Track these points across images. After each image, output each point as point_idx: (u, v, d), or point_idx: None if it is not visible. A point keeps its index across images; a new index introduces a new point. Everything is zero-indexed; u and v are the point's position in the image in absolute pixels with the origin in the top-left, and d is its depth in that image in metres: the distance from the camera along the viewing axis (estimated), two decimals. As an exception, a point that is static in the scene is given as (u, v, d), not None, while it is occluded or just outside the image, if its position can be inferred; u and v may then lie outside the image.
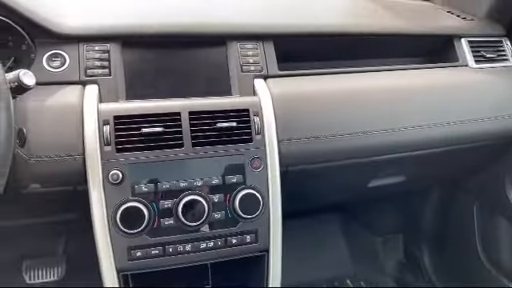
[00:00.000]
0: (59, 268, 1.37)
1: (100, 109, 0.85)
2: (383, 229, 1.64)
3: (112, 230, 0.83)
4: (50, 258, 1.37)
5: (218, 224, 0.88)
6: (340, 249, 1.60)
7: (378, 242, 1.63)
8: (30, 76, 0.70)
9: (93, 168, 0.82)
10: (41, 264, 1.36)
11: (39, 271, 1.35)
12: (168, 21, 0.98)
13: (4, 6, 0.86)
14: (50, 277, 1.36)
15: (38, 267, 1.35)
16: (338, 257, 1.59)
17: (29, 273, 1.34)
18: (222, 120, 0.89)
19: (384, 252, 1.62)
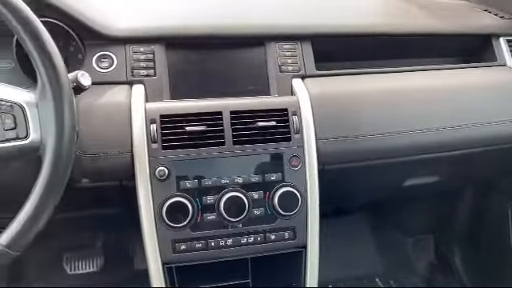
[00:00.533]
0: (97, 260, 1.43)
1: (147, 108, 0.89)
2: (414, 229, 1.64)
3: (158, 223, 0.86)
4: (89, 251, 1.43)
5: (258, 220, 0.90)
6: (370, 248, 1.61)
7: (408, 242, 1.62)
8: (86, 77, 0.74)
9: (140, 164, 0.86)
10: (80, 256, 1.42)
11: (79, 263, 1.42)
12: (209, 23, 1.01)
13: (57, 9, 0.90)
14: (88, 268, 1.42)
15: (77, 259, 1.42)
16: (367, 255, 1.59)
17: (69, 264, 1.41)
18: (262, 119, 0.92)
19: (415, 252, 1.62)
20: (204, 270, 0.90)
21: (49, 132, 0.62)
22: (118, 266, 1.45)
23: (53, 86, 0.62)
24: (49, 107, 0.62)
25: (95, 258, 1.42)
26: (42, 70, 0.62)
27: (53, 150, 0.62)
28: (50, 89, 0.62)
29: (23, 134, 0.62)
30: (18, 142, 0.62)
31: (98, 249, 1.44)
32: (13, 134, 0.62)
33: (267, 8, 1.13)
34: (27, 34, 0.61)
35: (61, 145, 0.62)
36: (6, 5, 0.60)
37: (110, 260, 1.44)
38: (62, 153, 0.62)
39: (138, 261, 1.47)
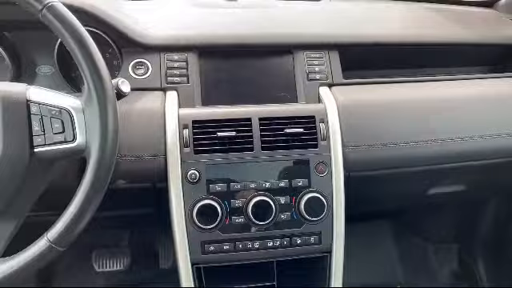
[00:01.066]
0: (124, 259, 1.48)
1: (180, 114, 0.92)
2: (437, 237, 1.63)
3: (188, 225, 0.90)
4: (117, 250, 1.48)
5: (284, 224, 0.93)
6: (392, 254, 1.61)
7: (430, 250, 1.62)
8: (126, 84, 0.78)
9: (173, 167, 0.90)
10: (108, 254, 1.47)
11: (107, 261, 1.47)
12: (240, 32, 1.04)
13: (96, 18, 0.95)
14: (116, 266, 1.47)
15: (105, 257, 1.47)
16: (389, 262, 1.60)
17: (98, 262, 1.46)
18: (290, 126, 0.94)
19: (437, 260, 1.61)
20: (231, 271, 0.93)
21: (94, 136, 0.66)
22: (144, 266, 1.50)
23: (98, 92, 0.66)
24: (94, 112, 0.66)
25: (122, 256, 1.47)
26: (88, 77, 0.66)
27: (97, 152, 0.66)
28: (95, 95, 0.66)
29: (70, 137, 0.67)
30: (65, 145, 0.67)
31: (125, 248, 1.49)
32: (61, 137, 0.66)
33: (295, 18, 1.16)
34: (76, 44, 0.65)
35: (105, 148, 0.66)
36: (57, 17, 0.65)
37: (136, 259, 1.49)
38: (105, 155, 0.66)
39: (163, 261, 1.51)
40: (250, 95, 1.01)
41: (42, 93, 0.69)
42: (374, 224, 1.58)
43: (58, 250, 0.66)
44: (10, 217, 0.68)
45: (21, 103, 0.66)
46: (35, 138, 0.66)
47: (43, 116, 0.66)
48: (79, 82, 1.06)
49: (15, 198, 0.67)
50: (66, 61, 1.04)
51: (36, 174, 0.69)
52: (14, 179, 0.66)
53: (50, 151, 0.67)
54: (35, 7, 0.64)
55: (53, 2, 0.65)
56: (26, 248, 0.66)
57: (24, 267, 0.65)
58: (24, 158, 0.66)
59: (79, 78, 1.06)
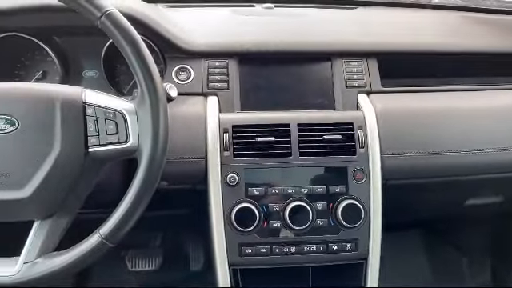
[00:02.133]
0: (157, 259, 1.51)
1: (220, 118, 0.95)
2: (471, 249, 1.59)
3: (227, 226, 0.92)
4: (149, 250, 1.51)
5: (321, 230, 0.93)
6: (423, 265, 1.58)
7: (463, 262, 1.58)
8: (174, 89, 0.81)
9: (213, 170, 0.92)
10: (141, 254, 1.51)
11: (140, 260, 1.50)
12: (279, 39, 1.06)
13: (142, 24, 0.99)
14: (148, 266, 1.50)
15: (139, 257, 1.50)
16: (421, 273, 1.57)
17: (131, 261, 1.50)
18: (328, 132, 0.95)
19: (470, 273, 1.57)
20: (267, 274, 0.94)
21: (145, 137, 0.69)
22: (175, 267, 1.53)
23: (151, 96, 0.69)
24: (146, 115, 0.69)
25: (155, 257, 1.50)
26: (142, 81, 0.69)
27: (149, 153, 0.69)
28: (148, 98, 0.69)
29: (123, 138, 0.70)
30: (119, 145, 0.70)
31: (157, 249, 1.52)
32: (114, 138, 0.70)
33: (333, 25, 1.17)
34: (131, 50, 0.68)
35: (156, 149, 0.69)
36: (114, 24, 0.68)
37: (168, 260, 1.52)
38: (156, 156, 0.69)
39: (194, 263, 1.53)
40: (288, 101, 1.03)
41: (96, 96, 0.72)
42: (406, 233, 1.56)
43: (109, 245, 0.69)
44: (63, 213, 0.71)
45: (77, 105, 0.70)
46: (90, 139, 0.69)
47: (98, 118, 0.70)
48: (122, 86, 1.10)
49: (69, 194, 0.71)
50: (111, 66, 1.09)
51: (88, 173, 0.72)
52: (68, 177, 0.69)
53: (104, 151, 0.70)
54: (94, 15, 0.68)
55: (111, 10, 0.68)
56: (79, 243, 0.69)
57: (76, 261, 0.68)
58: (79, 157, 0.69)
59: (122, 83, 1.11)
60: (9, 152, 0.67)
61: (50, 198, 0.69)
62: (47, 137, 0.67)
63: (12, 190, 0.67)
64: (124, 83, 1.11)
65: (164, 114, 0.70)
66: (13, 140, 0.67)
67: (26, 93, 0.69)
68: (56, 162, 0.67)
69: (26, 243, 0.69)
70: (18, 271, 0.67)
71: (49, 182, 0.67)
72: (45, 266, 0.67)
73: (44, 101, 0.68)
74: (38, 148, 0.67)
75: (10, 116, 0.67)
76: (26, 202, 0.67)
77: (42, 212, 0.69)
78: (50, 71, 1.09)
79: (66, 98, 0.70)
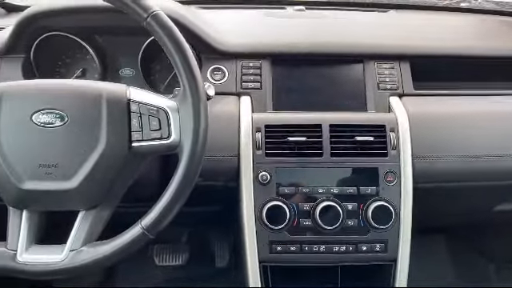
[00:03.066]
0: (183, 255, 1.54)
1: (253, 118, 0.97)
2: (498, 256, 1.57)
3: (258, 224, 0.94)
4: (176, 245, 1.55)
5: (351, 230, 0.94)
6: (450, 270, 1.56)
7: (490, 269, 1.55)
8: (212, 88, 0.83)
9: (245, 168, 0.94)
10: (168, 249, 1.54)
11: (167, 255, 1.54)
12: (312, 41, 1.08)
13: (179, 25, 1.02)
14: (175, 261, 1.53)
15: (166, 252, 1.54)
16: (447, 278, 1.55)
17: (158, 256, 1.53)
18: (360, 134, 0.96)
19: (498, 280, 1.55)
20: (297, 272, 0.96)
21: (187, 133, 0.72)
22: (201, 263, 1.55)
23: (193, 93, 0.71)
24: (188, 112, 0.72)
25: (181, 252, 1.54)
26: (184, 79, 0.72)
27: (189, 149, 0.71)
28: (190, 96, 0.71)
29: (166, 134, 0.72)
30: (161, 141, 0.72)
31: (184, 244, 1.55)
32: (157, 134, 0.72)
33: (366, 28, 1.18)
34: (175, 50, 0.71)
35: (196, 145, 0.71)
36: (159, 24, 0.71)
37: (194, 256, 1.55)
38: (196, 152, 0.71)
39: (219, 259, 1.56)
40: (320, 102, 1.04)
41: (140, 93, 0.75)
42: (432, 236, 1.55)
43: (149, 237, 0.71)
44: (106, 205, 0.75)
45: (123, 102, 0.73)
46: (133, 134, 0.72)
47: (142, 114, 0.73)
48: (157, 85, 1.14)
49: (112, 187, 0.74)
50: (147, 65, 1.13)
51: (130, 167, 0.75)
52: (112, 170, 0.72)
53: (146, 146, 0.73)
54: (141, 15, 0.71)
55: (157, 11, 0.71)
56: (121, 234, 0.72)
57: (118, 251, 0.71)
58: (123, 151, 0.72)
59: (157, 81, 1.14)
60: (58, 145, 0.70)
61: (95, 189, 0.72)
62: (94, 131, 0.71)
63: (60, 181, 0.70)
64: (159, 81, 1.14)
65: (204, 111, 0.72)
66: (62, 134, 0.70)
67: (75, 89, 0.73)
68: (102, 156, 0.71)
69: (71, 232, 0.72)
70: (64, 258, 0.70)
71: (94, 174, 0.71)
72: (89, 254, 0.70)
73: (92, 97, 0.72)
74: (85, 141, 0.70)
75: (59, 111, 0.70)
76: (73, 193, 0.71)
77: (87, 203, 0.73)
78: (89, 69, 1.13)
79: (112, 94, 0.73)
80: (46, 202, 0.72)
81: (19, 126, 0.70)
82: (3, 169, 0.70)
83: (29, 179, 0.70)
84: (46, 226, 0.76)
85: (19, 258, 0.70)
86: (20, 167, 0.70)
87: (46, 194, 0.71)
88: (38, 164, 0.70)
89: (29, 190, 0.70)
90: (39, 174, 0.70)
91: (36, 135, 0.70)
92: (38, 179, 0.70)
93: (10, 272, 0.69)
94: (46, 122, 0.70)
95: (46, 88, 0.73)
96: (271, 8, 1.39)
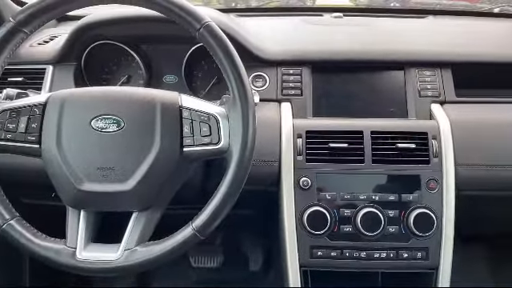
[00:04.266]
0: (218, 257, 1.57)
1: (294, 124, 0.99)
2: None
3: (298, 229, 0.95)
4: (212, 247, 1.58)
5: (392, 237, 0.94)
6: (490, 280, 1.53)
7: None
8: (257, 95, 0.86)
9: (286, 173, 0.96)
10: (204, 251, 1.57)
11: (202, 257, 1.57)
12: (352, 48, 1.09)
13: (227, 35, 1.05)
14: (210, 263, 1.56)
15: (201, 254, 1.57)
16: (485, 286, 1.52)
17: (194, 257, 1.56)
18: (402, 141, 0.96)
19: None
20: (337, 277, 0.96)
21: (236, 139, 0.74)
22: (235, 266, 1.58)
23: (242, 100, 0.74)
24: (237, 118, 0.74)
25: (216, 255, 1.56)
26: (234, 87, 0.74)
27: (238, 153, 0.73)
28: (239, 103, 0.74)
29: (216, 140, 0.75)
30: (211, 146, 0.75)
31: (219, 247, 1.58)
32: (208, 139, 0.75)
33: (405, 34, 1.18)
34: (226, 58, 0.74)
35: (245, 150, 0.73)
36: (211, 34, 0.74)
37: (228, 259, 1.57)
38: (245, 156, 0.74)
39: (253, 263, 1.58)
40: (360, 109, 1.05)
41: (191, 100, 0.78)
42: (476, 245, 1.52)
43: (200, 238, 0.74)
44: (157, 206, 0.78)
45: (175, 108, 0.76)
46: (185, 139, 0.75)
47: (193, 120, 0.76)
48: (198, 91, 1.17)
49: (163, 190, 0.77)
50: (190, 72, 1.16)
51: (180, 171, 0.78)
52: (165, 173, 0.75)
53: (197, 151, 0.76)
54: (194, 26, 0.74)
55: (209, 21, 0.74)
56: (173, 234, 0.75)
57: (170, 251, 0.74)
58: (175, 155, 0.75)
59: (199, 88, 1.18)
60: (115, 149, 0.74)
61: (148, 191, 0.75)
62: (148, 136, 0.74)
63: (116, 183, 0.74)
64: (200, 88, 1.18)
65: (253, 118, 0.74)
66: (119, 138, 0.74)
67: (132, 96, 0.77)
68: (155, 160, 0.74)
69: (125, 232, 0.75)
70: (119, 257, 0.73)
71: (148, 177, 0.74)
72: (143, 253, 0.73)
73: (147, 103, 0.75)
74: (140, 146, 0.74)
75: (117, 116, 0.74)
76: (128, 195, 0.74)
77: (140, 204, 0.76)
78: (133, 75, 1.18)
79: (166, 101, 0.76)
80: (103, 203, 0.76)
81: (79, 131, 0.74)
82: (64, 171, 0.74)
83: (87, 181, 0.74)
84: (100, 226, 0.80)
85: (78, 255, 0.73)
86: (79, 169, 0.74)
87: (103, 195, 0.74)
88: (96, 167, 0.74)
89: (87, 191, 0.74)
90: (97, 176, 0.74)
91: (94, 139, 0.74)
92: (96, 181, 0.74)
93: (70, 269, 0.73)
94: (103, 127, 0.74)
95: (104, 95, 0.77)
96: (307, 15, 1.41)
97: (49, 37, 1.19)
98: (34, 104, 0.76)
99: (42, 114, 0.76)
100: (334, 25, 1.26)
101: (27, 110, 0.76)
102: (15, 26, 0.75)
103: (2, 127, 0.75)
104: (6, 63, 0.78)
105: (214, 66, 1.17)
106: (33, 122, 0.76)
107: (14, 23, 0.74)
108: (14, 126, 0.75)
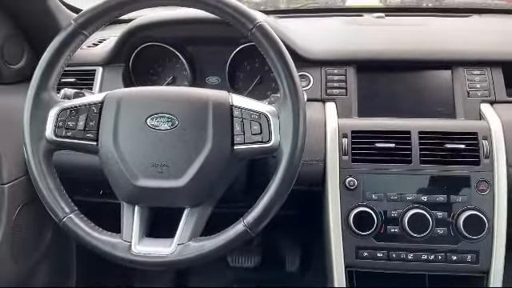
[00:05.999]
0: (255, 257, 1.58)
1: (339, 124, 0.99)
2: None
3: (344, 229, 0.95)
4: (249, 247, 1.59)
5: (440, 239, 0.92)
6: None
7: None
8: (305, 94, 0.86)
9: (332, 173, 0.96)
10: (242, 251, 1.58)
11: (240, 257, 1.58)
12: (398, 48, 1.08)
13: None
14: (247, 263, 1.57)
15: (239, 253, 1.58)
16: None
17: (232, 257, 1.58)
18: (450, 141, 0.94)
19: None
20: (383, 279, 0.95)
21: (286, 138, 0.75)
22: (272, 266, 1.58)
23: (293, 99, 0.74)
24: (288, 117, 0.75)
25: (254, 255, 1.57)
26: (285, 85, 0.75)
27: (289, 152, 0.74)
28: (290, 101, 0.75)
29: (266, 138, 0.76)
30: (261, 144, 0.76)
31: (256, 247, 1.59)
32: (258, 138, 0.76)
33: (452, 34, 1.16)
34: (277, 57, 0.75)
35: (296, 149, 0.74)
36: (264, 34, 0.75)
37: (265, 259, 1.58)
38: (296, 155, 0.74)
39: (289, 264, 1.58)
40: (406, 109, 1.04)
41: (242, 99, 0.79)
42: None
43: (251, 234, 0.75)
44: (208, 203, 0.79)
45: (226, 107, 0.77)
46: (236, 137, 0.77)
47: (244, 119, 0.77)
48: (241, 92, 1.19)
49: (214, 187, 0.79)
50: (232, 73, 1.18)
51: (231, 169, 0.80)
52: (216, 171, 0.77)
53: (247, 149, 0.77)
54: (247, 27, 0.75)
55: (261, 22, 0.75)
56: (224, 230, 0.76)
57: (222, 246, 0.75)
58: (226, 153, 0.76)
59: (241, 88, 1.19)
60: (169, 146, 0.76)
61: (200, 188, 0.77)
62: (201, 134, 0.76)
63: (170, 180, 0.76)
64: (242, 89, 1.19)
65: (304, 116, 0.75)
66: (173, 136, 0.76)
67: (185, 95, 0.79)
68: (207, 157, 0.75)
69: (178, 227, 0.77)
70: (173, 251, 0.75)
71: (201, 174, 0.75)
72: (196, 248, 0.75)
73: (199, 102, 0.77)
74: (193, 144, 0.76)
75: (171, 115, 0.76)
76: (181, 191, 0.76)
77: (192, 200, 0.78)
78: (178, 77, 1.21)
79: (217, 100, 0.78)
80: (157, 199, 0.78)
81: (135, 129, 0.77)
82: (120, 167, 0.77)
83: (142, 177, 0.76)
84: (153, 221, 0.82)
85: (133, 249, 0.76)
86: (135, 166, 0.76)
87: (157, 191, 0.76)
88: (151, 163, 0.76)
89: (142, 187, 0.76)
90: (152, 172, 0.76)
91: (150, 137, 0.76)
92: (151, 177, 0.76)
93: (126, 263, 0.75)
94: (158, 125, 0.76)
95: (159, 94, 0.80)
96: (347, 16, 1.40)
97: (97, 40, 1.24)
98: (92, 103, 0.80)
99: (99, 113, 0.79)
100: (377, 25, 1.25)
101: (85, 109, 0.79)
102: (76, 28, 0.78)
103: (62, 125, 0.78)
104: (66, 64, 0.81)
105: (257, 66, 1.20)
106: (91, 120, 0.79)
107: (75, 25, 0.78)
108: (73, 124, 0.78)
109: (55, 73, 0.79)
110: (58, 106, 0.79)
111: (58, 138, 0.78)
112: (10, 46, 1.06)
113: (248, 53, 1.14)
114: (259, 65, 1.19)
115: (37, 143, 0.78)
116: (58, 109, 0.79)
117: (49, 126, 0.78)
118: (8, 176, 1.00)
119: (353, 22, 1.27)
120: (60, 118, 0.78)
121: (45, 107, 0.78)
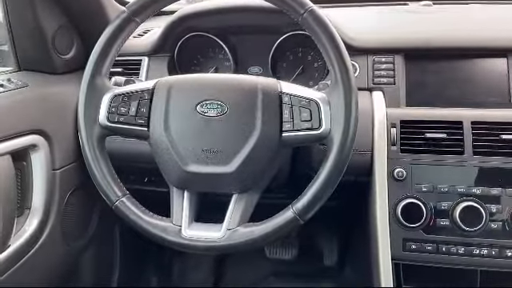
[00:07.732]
0: (293, 249, 1.57)
1: (388, 113, 0.96)
2: None
3: (391, 220, 0.92)
4: (287, 239, 1.58)
5: (494, 233, 0.88)
6: None
7: None
8: None
9: (380, 164, 0.94)
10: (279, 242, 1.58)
11: (277, 249, 1.58)
12: (449, 35, 1.04)
13: None
14: (284, 255, 1.57)
15: (277, 245, 1.58)
16: None
17: (270, 248, 1.58)
18: (506, 132, 0.90)
19: None
20: (431, 272, 0.92)
21: (337, 125, 0.73)
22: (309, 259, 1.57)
23: (345, 86, 0.73)
24: (339, 103, 0.73)
25: (291, 247, 1.57)
26: (337, 71, 0.74)
27: (340, 138, 0.73)
28: (342, 89, 0.73)
29: (316, 125, 0.75)
30: (311, 131, 0.75)
31: (294, 239, 1.58)
32: (308, 124, 0.75)
33: (505, 21, 1.10)
34: (330, 43, 0.74)
35: (347, 136, 0.73)
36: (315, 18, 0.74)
37: (303, 252, 1.57)
38: (347, 143, 0.73)
39: (327, 258, 1.56)
40: (457, 98, 1.00)
41: (291, 86, 0.79)
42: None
43: (300, 221, 0.74)
44: (256, 189, 0.79)
45: (275, 94, 0.77)
46: (284, 124, 0.76)
47: (293, 105, 0.76)
48: (282, 82, 1.18)
49: (262, 173, 0.78)
50: (274, 63, 1.17)
51: (279, 155, 0.79)
52: (264, 157, 0.77)
53: (296, 136, 0.76)
54: (298, 12, 0.75)
55: (312, 6, 0.74)
56: (273, 217, 0.76)
57: (271, 232, 0.75)
58: (275, 139, 0.76)
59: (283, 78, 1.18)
60: (219, 132, 0.76)
61: (249, 174, 0.77)
62: (250, 120, 0.76)
63: (220, 165, 0.76)
64: (285, 79, 1.18)
65: (356, 104, 0.73)
66: (223, 122, 0.76)
67: (235, 82, 0.79)
68: (256, 143, 0.75)
69: (227, 212, 0.78)
70: (223, 236, 0.76)
71: (249, 160, 0.75)
72: (246, 234, 0.75)
73: (249, 89, 0.77)
74: (242, 130, 0.76)
75: (221, 102, 0.77)
76: (230, 177, 0.76)
77: (241, 186, 0.78)
78: (220, 67, 1.21)
79: (266, 87, 0.77)
80: (206, 184, 0.79)
81: (185, 115, 0.78)
82: (171, 152, 0.78)
83: (192, 162, 0.77)
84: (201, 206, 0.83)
85: (184, 233, 0.77)
86: (185, 151, 0.77)
87: (207, 176, 0.77)
88: (202, 149, 0.76)
89: (192, 172, 0.77)
90: (202, 158, 0.76)
91: (200, 123, 0.77)
92: (201, 163, 0.77)
93: (176, 246, 0.77)
94: (208, 111, 0.77)
95: (209, 81, 0.80)
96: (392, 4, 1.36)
97: (143, 30, 1.26)
98: (144, 89, 0.81)
99: (150, 99, 0.80)
100: (425, 12, 1.20)
101: (137, 95, 0.81)
102: (129, 15, 0.80)
103: (115, 111, 0.80)
104: (118, 51, 0.83)
105: (299, 55, 1.19)
106: (142, 106, 0.80)
107: (128, 13, 0.80)
108: (125, 110, 0.80)
109: (109, 59, 0.81)
110: (110, 91, 0.81)
111: (110, 124, 0.80)
112: (61, 37, 1.10)
113: (291, 42, 1.13)
114: (302, 54, 1.18)
115: (91, 128, 0.80)
116: (110, 95, 0.81)
117: (102, 112, 0.80)
118: (60, 162, 1.04)
119: (400, 10, 1.23)
120: (113, 103, 0.80)
121: (99, 93, 0.81)
